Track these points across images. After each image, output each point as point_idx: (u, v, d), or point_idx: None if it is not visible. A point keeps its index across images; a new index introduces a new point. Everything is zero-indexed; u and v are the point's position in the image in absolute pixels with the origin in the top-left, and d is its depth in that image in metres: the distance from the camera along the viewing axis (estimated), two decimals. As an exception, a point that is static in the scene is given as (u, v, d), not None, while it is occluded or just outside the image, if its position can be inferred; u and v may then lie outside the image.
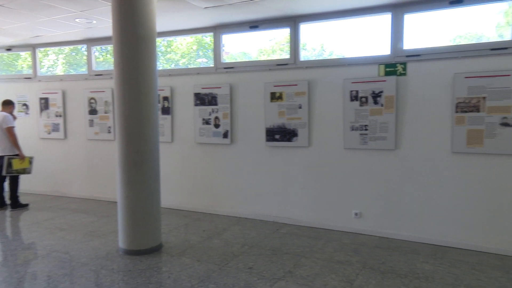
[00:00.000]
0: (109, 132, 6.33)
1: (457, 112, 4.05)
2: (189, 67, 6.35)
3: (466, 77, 3.98)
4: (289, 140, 5.00)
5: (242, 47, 6.86)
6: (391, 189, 4.49)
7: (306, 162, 4.96)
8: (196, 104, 5.62)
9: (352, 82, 4.56)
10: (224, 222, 5.23)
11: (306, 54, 5.33)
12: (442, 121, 4.16)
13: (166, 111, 5.85)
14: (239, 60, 5.90)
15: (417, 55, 4.25)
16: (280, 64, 5.04)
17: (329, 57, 5.40)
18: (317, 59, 5.27)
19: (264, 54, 7.68)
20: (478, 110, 3.94)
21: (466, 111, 4.00)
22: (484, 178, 4.01)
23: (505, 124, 3.83)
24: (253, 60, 5.58)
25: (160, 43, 7.66)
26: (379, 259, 3.88)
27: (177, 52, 8.63)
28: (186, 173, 5.82)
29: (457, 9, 4.11)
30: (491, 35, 4.40)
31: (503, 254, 3.94)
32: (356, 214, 4.70)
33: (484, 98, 3.91)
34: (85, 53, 6.62)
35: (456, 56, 4.07)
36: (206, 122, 5.55)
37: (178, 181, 5.88)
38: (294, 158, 5.02)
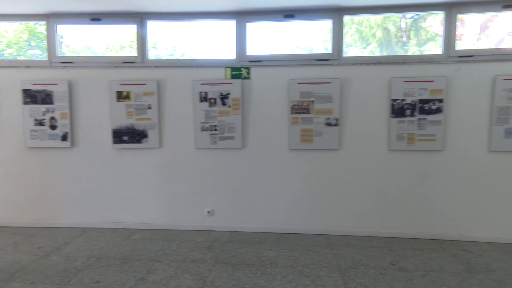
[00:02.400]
0: None
1: (292, 113, 4.58)
2: (18, 58, 5.42)
3: (298, 83, 4.54)
4: (138, 141, 4.79)
5: (86, 40, 6.23)
6: (240, 186, 4.78)
7: (157, 164, 4.84)
8: (25, 103, 4.84)
9: (201, 84, 4.67)
10: (65, 235, 4.67)
11: (158, 53, 5.20)
12: (282, 121, 4.65)
13: (-17, 110, 4.86)
14: (82, 54, 5.34)
15: (259, 61, 4.63)
16: (127, 62, 4.77)
17: (181, 58, 5.40)
18: (166, 59, 5.19)
19: (112, 50, 7.15)
20: (308, 112, 4.55)
21: (299, 113, 4.56)
22: (315, 170, 4.65)
23: (329, 124, 4.53)
24: (96, 56, 5.13)
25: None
26: (231, 252, 4.09)
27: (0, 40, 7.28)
28: (14, 184, 4.97)
29: (290, 23, 4.65)
30: (319, 48, 5.11)
31: (330, 234, 4.65)
32: (208, 212, 4.84)
33: (312, 101, 4.53)
34: None
35: (291, 64, 4.60)
36: (40, 123, 4.84)
37: (2, 193, 4.97)
38: (145, 160, 4.85)
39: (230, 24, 4.69)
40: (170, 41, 5.77)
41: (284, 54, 4.64)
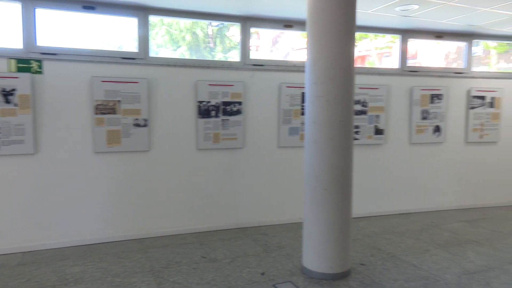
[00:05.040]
0: None
1: (96, 114, 4.24)
2: None
3: (102, 81, 4.23)
4: None
5: None
6: (34, 198, 4.11)
7: None
8: None
9: (-26, 76, 3.78)
10: None
11: None
12: (84, 122, 4.24)
13: None
14: None
15: (54, 54, 4.09)
16: None
17: None
18: None
19: None
20: (115, 112, 4.30)
21: (104, 113, 4.27)
22: (124, 173, 4.44)
23: (137, 125, 4.41)
24: None
25: None
26: (23, 277, 3.47)
27: None
28: None
29: (91, 15, 4.28)
30: (128, 46, 4.87)
31: (143, 238, 4.54)
32: (-10, 233, 3.97)
33: (119, 101, 4.31)
34: None
35: (93, 60, 4.24)
36: None
37: None
38: None
39: (16, 8, 3.96)
40: None
41: (86, 49, 4.24)
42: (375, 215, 5.59)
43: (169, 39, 11.82)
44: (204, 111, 4.68)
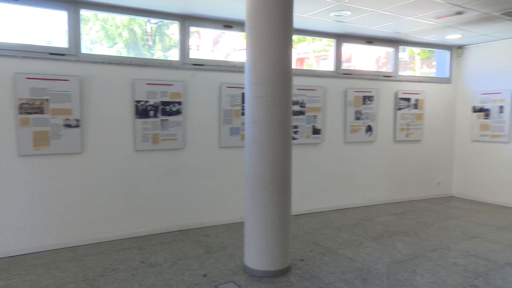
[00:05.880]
0: None
1: (21, 113, 3.90)
2: None
3: (28, 78, 3.91)
4: None
5: None
6: None
7: None
8: None
9: None
10: None
11: None
12: (6, 122, 3.88)
13: None
14: None
15: (-31, 47, 3.69)
16: None
17: None
18: None
19: None
20: (42, 112, 3.99)
21: (30, 113, 3.94)
22: (53, 177, 4.14)
23: (68, 126, 4.13)
24: None
25: None
26: None
27: None
28: None
29: (14, 6, 3.93)
30: (54, 40, 4.55)
31: (77, 245, 4.27)
32: None
33: (47, 100, 4.01)
34: None
35: (17, 55, 3.90)
36: None
37: None
38: None
39: None
40: None
41: (8, 42, 3.88)
42: (314, 211, 5.80)
43: (105, 35, 11.24)
44: (142, 111, 4.52)
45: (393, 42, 6.29)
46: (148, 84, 4.52)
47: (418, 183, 6.79)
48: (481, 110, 6.60)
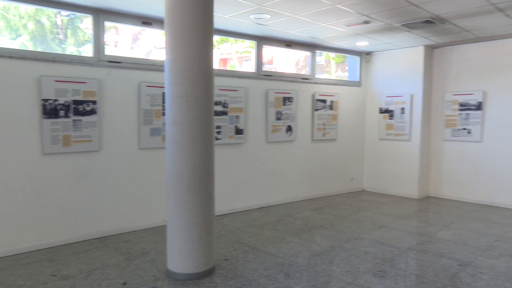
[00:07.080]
0: None
1: None
2: None
3: None
4: None
5: None
6: None
7: None
8: None
9: None
10: None
11: None
12: None
13: None
14: None
15: None
16: None
17: None
18: None
19: None
20: None
21: None
22: None
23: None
24: None
25: None
26: None
27: None
28: None
29: None
30: None
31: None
32: None
33: None
34: None
35: None
36: None
37: None
38: None
39: None
40: None
41: None
42: (237, 211, 5.87)
43: (6, 25, 10.06)
44: (51, 111, 4.14)
45: (310, 46, 6.64)
46: (57, 81, 4.16)
47: (334, 179, 7.26)
48: (386, 111, 7.29)
